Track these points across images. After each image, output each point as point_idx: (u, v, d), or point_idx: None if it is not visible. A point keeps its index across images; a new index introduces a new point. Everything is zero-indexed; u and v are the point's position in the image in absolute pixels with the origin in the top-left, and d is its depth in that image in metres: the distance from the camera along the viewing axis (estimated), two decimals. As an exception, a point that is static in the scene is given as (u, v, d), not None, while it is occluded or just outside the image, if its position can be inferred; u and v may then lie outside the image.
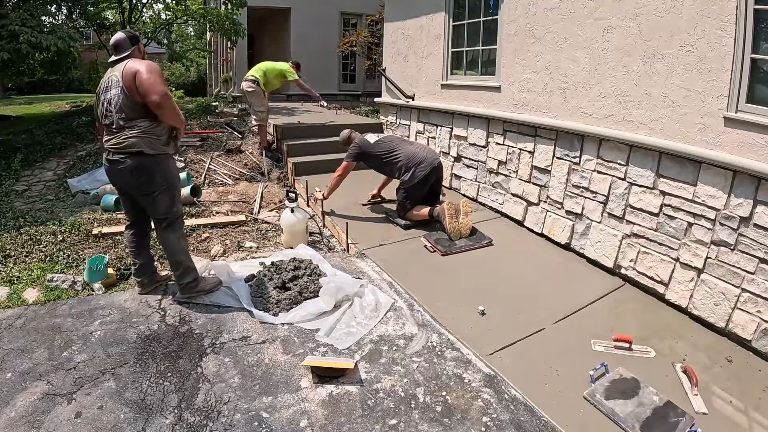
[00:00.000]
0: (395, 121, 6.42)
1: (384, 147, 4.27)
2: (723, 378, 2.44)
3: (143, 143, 2.60)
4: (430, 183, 4.19)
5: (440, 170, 4.24)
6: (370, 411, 2.10)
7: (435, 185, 4.28)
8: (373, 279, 3.32)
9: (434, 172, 4.15)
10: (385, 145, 4.28)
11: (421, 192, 4.16)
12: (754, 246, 2.66)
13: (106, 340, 2.54)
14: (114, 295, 3.05)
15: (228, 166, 5.91)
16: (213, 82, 15.70)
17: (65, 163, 5.98)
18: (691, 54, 2.88)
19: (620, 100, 3.37)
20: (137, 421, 2.00)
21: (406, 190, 4.13)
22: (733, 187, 2.74)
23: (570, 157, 3.81)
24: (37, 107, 13.10)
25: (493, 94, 4.62)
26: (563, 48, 3.79)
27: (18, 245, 3.68)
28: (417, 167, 4.07)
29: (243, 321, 2.78)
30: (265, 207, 4.85)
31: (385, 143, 4.30)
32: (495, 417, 2.10)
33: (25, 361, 2.36)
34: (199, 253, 3.75)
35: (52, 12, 7.77)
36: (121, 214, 4.44)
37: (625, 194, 3.39)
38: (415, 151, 4.19)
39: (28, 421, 1.98)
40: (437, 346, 2.59)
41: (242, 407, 2.10)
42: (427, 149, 4.27)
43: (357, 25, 11.80)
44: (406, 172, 4.10)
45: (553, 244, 4.01)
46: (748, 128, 2.64)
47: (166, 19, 9.49)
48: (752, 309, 2.67)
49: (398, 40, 6.19)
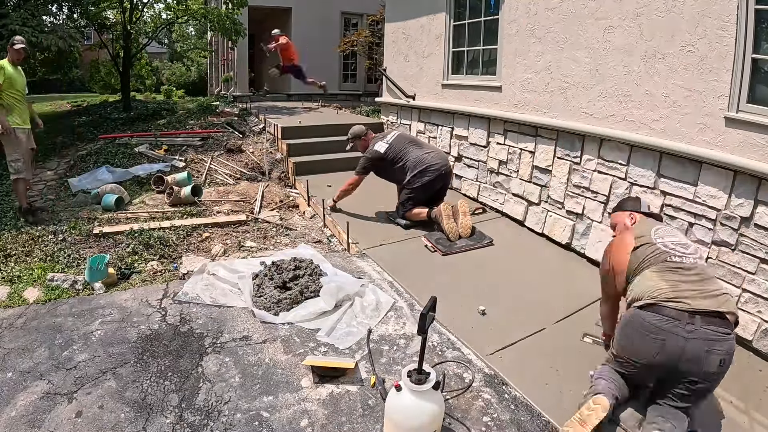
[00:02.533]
0: (396, 121, 6.41)
1: (391, 155, 4.15)
2: (723, 378, 2.43)
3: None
4: (436, 189, 4.16)
5: (448, 177, 4.19)
6: (371, 411, 2.10)
7: (441, 190, 4.25)
8: (374, 279, 3.32)
9: (440, 179, 4.10)
10: (392, 152, 4.15)
11: (424, 195, 4.13)
12: (755, 246, 2.66)
13: (107, 340, 2.55)
14: (115, 294, 3.06)
15: (229, 165, 5.92)
16: (214, 82, 15.70)
17: (66, 162, 5.98)
18: (692, 54, 2.88)
19: (621, 100, 3.37)
20: (138, 420, 2.00)
21: (411, 191, 4.11)
22: (733, 188, 2.74)
23: (571, 157, 3.81)
24: (37, 106, 13.05)
25: (494, 93, 4.62)
26: (564, 48, 3.78)
27: (19, 245, 3.69)
28: (424, 173, 4.03)
29: (244, 320, 2.78)
30: (265, 207, 4.85)
31: (393, 150, 4.16)
32: (495, 417, 2.10)
33: (26, 360, 2.36)
34: (200, 252, 3.75)
35: (52, 12, 7.78)
36: (122, 213, 4.44)
37: (625, 194, 3.39)
38: (423, 157, 4.09)
39: (28, 420, 1.98)
40: (438, 346, 2.59)
41: (243, 407, 2.10)
42: (437, 154, 4.16)
43: (358, 24, 11.80)
44: (412, 175, 4.06)
45: (554, 243, 4.01)
46: (749, 128, 2.64)
47: (167, 18, 9.48)
48: (753, 309, 2.67)
49: (399, 40, 6.19)
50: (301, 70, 8.60)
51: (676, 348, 1.90)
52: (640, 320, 2.01)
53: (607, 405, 1.91)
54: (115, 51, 8.93)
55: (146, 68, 12.57)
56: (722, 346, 1.87)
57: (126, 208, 4.63)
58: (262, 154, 6.20)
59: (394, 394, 1.86)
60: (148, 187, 5.23)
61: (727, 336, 1.89)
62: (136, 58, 9.77)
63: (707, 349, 1.87)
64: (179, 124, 7.42)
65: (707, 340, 1.88)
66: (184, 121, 7.65)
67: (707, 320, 1.90)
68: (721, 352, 1.87)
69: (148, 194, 5.05)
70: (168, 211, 4.57)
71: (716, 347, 1.87)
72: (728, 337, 1.89)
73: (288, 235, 4.21)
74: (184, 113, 8.19)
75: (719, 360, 1.86)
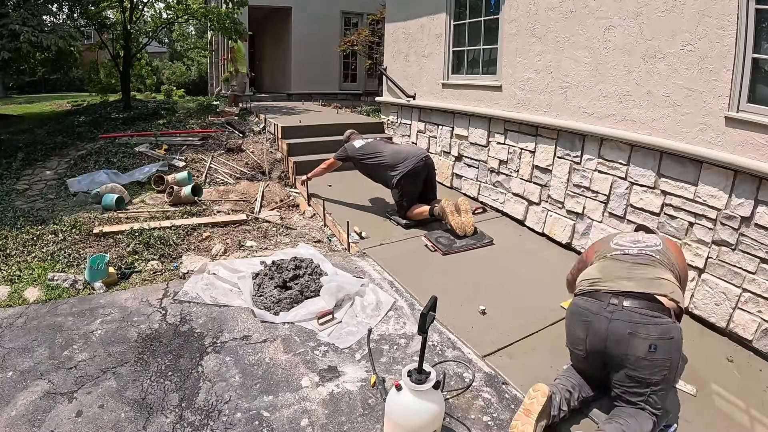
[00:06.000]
0: (396, 121, 6.41)
1: (367, 149, 4.37)
2: (724, 378, 2.44)
3: None
4: (422, 178, 4.20)
5: (429, 164, 4.23)
6: (371, 410, 2.10)
7: (428, 181, 4.28)
8: (374, 278, 3.32)
9: (422, 166, 4.14)
10: (369, 148, 4.38)
11: (414, 188, 4.18)
12: (755, 246, 2.66)
13: (107, 339, 2.55)
14: (115, 294, 3.06)
15: (229, 165, 5.92)
16: (214, 81, 15.69)
17: (66, 162, 5.98)
18: (693, 53, 2.88)
19: (621, 100, 3.37)
20: (138, 420, 2.00)
21: (399, 189, 4.14)
22: (734, 187, 2.74)
23: (571, 156, 3.81)
24: (38, 106, 13.13)
25: (495, 93, 4.62)
26: (564, 47, 3.78)
27: (19, 244, 3.69)
28: (402, 163, 4.10)
29: (244, 320, 2.78)
30: (266, 206, 4.85)
31: (369, 146, 4.40)
32: (495, 416, 2.10)
33: (26, 359, 2.36)
34: (200, 252, 3.76)
35: (53, 11, 7.75)
36: (122, 213, 4.45)
37: (626, 194, 3.39)
38: (399, 149, 4.26)
39: (29, 419, 1.98)
40: (438, 346, 2.59)
41: (243, 406, 2.10)
42: (411, 147, 4.33)
43: (358, 24, 11.80)
44: (394, 170, 4.12)
45: (554, 243, 4.01)
46: (750, 128, 2.64)
47: (167, 18, 9.47)
48: (753, 309, 2.67)
49: (399, 40, 6.19)
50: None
51: (601, 329, 1.95)
52: (574, 307, 2.12)
53: (546, 390, 1.91)
54: (116, 50, 8.92)
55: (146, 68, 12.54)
56: (648, 330, 1.86)
57: (126, 208, 4.63)
58: (263, 154, 6.20)
59: (394, 393, 1.85)
60: (148, 187, 5.23)
61: (656, 319, 1.87)
62: (136, 58, 9.75)
63: (630, 331, 1.88)
64: (179, 124, 7.42)
65: (630, 322, 1.89)
66: (184, 120, 7.64)
67: (632, 302, 1.93)
68: (648, 336, 1.85)
69: (148, 194, 5.05)
70: (168, 210, 4.58)
71: (640, 330, 1.86)
72: (657, 320, 1.87)
73: (288, 234, 4.21)
74: (184, 113, 8.19)
75: (648, 345, 1.84)
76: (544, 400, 1.88)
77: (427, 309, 1.78)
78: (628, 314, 1.91)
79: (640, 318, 1.88)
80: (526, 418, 1.84)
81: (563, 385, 2.06)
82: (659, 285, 1.97)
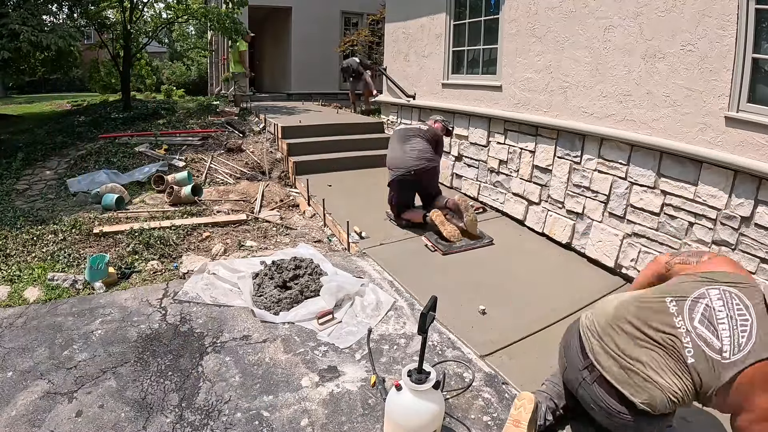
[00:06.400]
0: (396, 120, 6.41)
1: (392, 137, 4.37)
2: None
3: None
4: (413, 188, 4.21)
5: (421, 176, 4.05)
6: (371, 410, 2.10)
7: (423, 189, 4.26)
8: (374, 278, 3.32)
9: (411, 178, 4.03)
10: (393, 136, 4.36)
11: (405, 194, 4.20)
12: (755, 246, 2.66)
13: (107, 339, 2.55)
14: (115, 294, 3.06)
15: (229, 165, 5.91)
16: (214, 81, 15.68)
17: (66, 162, 5.97)
18: (693, 53, 2.88)
19: (621, 100, 3.37)
20: (138, 419, 2.00)
21: (391, 190, 4.21)
22: (734, 187, 2.74)
23: (571, 156, 3.81)
24: (37, 106, 13.12)
25: (494, 93, 4.62)
26: (564, 47, 3.78)
27: (19, 244, 3.69)
28: (394, 171, 4.11)
29: (244, 320, 2.78)
30: (266, 206, 4.85)
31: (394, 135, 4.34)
32: (495, 416, 2.10)
33: (26, 359, 2.36)
34: (200, 252, 3.75)
35: (53, 11, 7.75)
36: (122, 213, 4.45)
37: (626, 194, 3.39)
38: (396, 154, 4.14)
39: (29, 419, 1.98)
40: (438, 345, 2.59)
41: (243, 406, 2.10)
42: (410, 155, 4.05)
43: (358, 24, 11.80)
44: (390, 170, 4.18)
45: (554, 243, 4.01)
46: (749, 128, 2.64)
47: (167, 18, 9.47)
48: (753, 309, 2.67)
49: (399, 40, 6.19)
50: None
51: (573, 380, 1.85)
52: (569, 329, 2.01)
53: (532, 397, 1.88)
54: (115, 50, 8.92)
55: (146, 68, 12.53)
56: (611, 419, 1.71)
57: (126, 208, 4.63)
58: (263, 154, 6.19)
59: (394, 393, 1.85)
60: (148, 187, 5.23)
61: (621, 416, 1.67)
62: (136, 58, 9.75)
63: (592, 405, 1.76)
64: (179, 124, 7.42)
65: (593, 399, 1.74)
66: (184, 120, 7.64)
67: (601, 388, 1.72)
68: (610, 422, 1.73)
69: (148, 194, 5.05)
70: (168, 210, 4.57)
71: (603, 412, 1.72)
72: (621, 417, 1.67)
73: (288, 234, 4.21)
74: (184, 113, 8.19)
75: (610, 423, 1.74)
76: (531, 407, 1.85)
77: (427, 309, 1.77)
78: (594, 392, 1.74)
79: (605, 405, 1.71)
80: (515, 429, 1.82)
81: (547, 394, 2.02)
82: (639, 391, 1.61)
